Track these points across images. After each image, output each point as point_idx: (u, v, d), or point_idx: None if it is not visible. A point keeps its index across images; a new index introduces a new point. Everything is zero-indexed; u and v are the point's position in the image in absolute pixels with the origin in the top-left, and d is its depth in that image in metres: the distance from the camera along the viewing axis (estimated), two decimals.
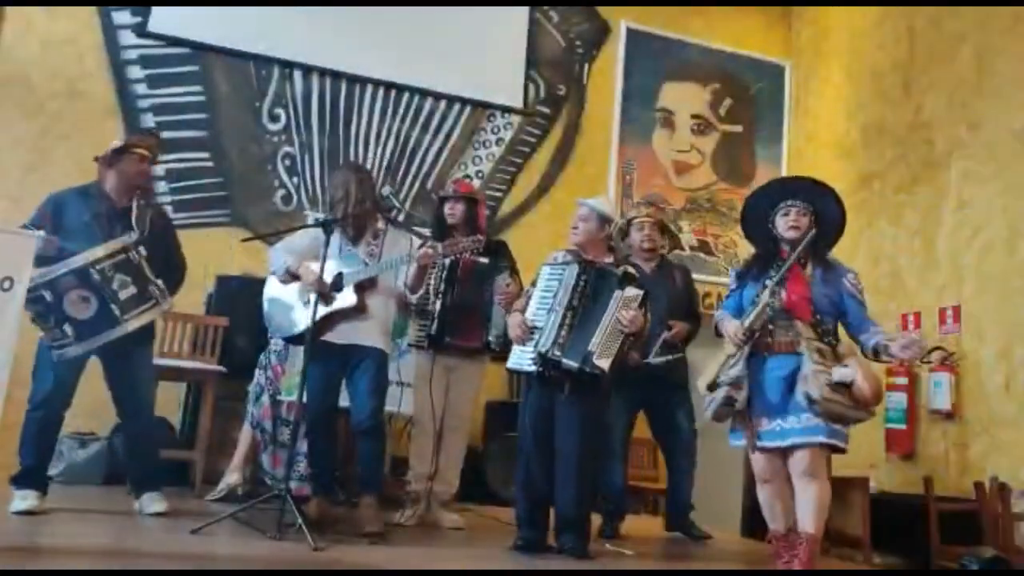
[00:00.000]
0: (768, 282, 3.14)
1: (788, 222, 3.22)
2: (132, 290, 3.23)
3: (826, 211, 3.25)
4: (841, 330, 3.22)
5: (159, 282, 3.37)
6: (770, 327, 3.12)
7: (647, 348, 4.02)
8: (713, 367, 3.24)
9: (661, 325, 4.08)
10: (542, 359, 3.33)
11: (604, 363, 3.28)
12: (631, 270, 3.54)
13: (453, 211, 4.09)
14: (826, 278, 3.17)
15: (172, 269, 3.59)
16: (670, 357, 4.08)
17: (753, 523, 5.29)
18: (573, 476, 3.34)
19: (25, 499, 3.26)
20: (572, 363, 3.29)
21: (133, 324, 3.27)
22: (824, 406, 2.91)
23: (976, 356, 4.95)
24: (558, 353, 3.30)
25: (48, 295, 3.10)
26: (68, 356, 3.21)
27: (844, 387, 2.93)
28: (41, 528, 3.09)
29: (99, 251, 3.20)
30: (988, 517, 4.26)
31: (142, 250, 3.33)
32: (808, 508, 3.02)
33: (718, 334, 3.34)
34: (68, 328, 3.15)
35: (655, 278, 4.17)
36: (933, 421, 5.13)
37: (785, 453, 3.11)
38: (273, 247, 3.78)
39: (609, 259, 3.57)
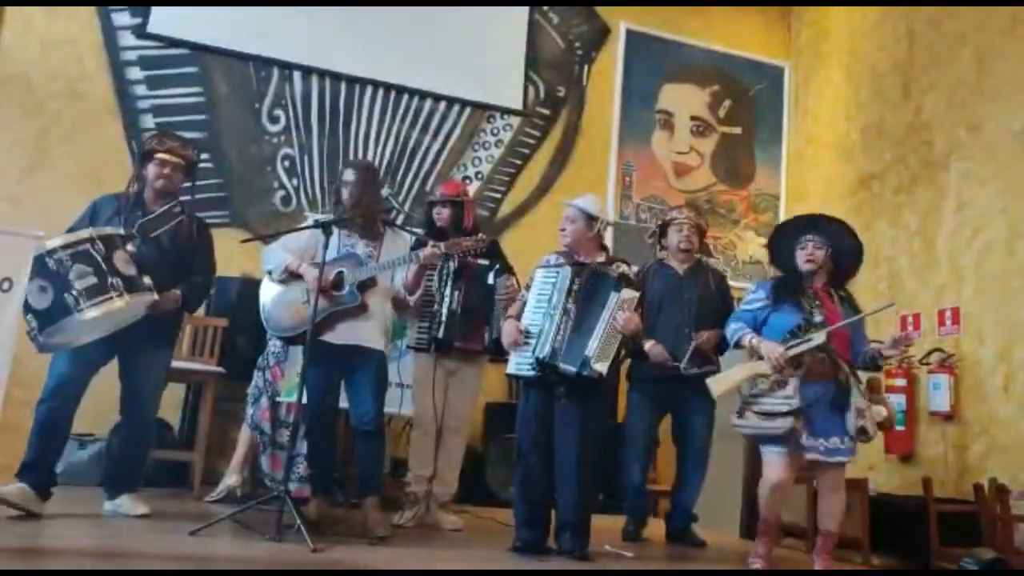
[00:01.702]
0: (810, 318, 3.44)
1: (804, 256, 3.54)
2: (91, 280, 3.14)
3: (842, 246, 3.59)
4: None
5: (145, 279, 3.30)
6: (817, 355, 3.40)
7: (678, 353, 4.02)
8: (734, 377, 3.48)
9: (690, 325, 4.08)
10: (540, 365, 3.34)
11: (602, 367, 3.29)
12: (626, 270, 3.55)
13: (440, 215, 4.11)
14: (850, 313, 3.52)
15: (193, 274, 3.61)
16: (702, 369, 4.01)
17: (752, 525, 5.29)
18: (573, 478, 3.34)
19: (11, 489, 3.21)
20: (570, 368, 3.30)
21: (90, 314, 3.14)
22: (869, 438, 3.41)
23: (975, 357, 4.95)
24: (555, 359, 3.31)
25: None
26: (43, 347, 3.19)
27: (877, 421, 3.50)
28: (41, 529, 3.09)
29: (56, 240, 3.16)
30: (987, 518, 4.25)
31: (130, 247, 3.32)
32: (835, 513, 3.47)
33: (737, 345, 3.59)
34: (31, 318, 3.10)
35: (687, 279, 4.21)
36: (932, 422, 5.13)
37: (799, 461, 3.45)
38: (268, 246, 3.77)
39: (601, 258, 3.57)
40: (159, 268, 3.42)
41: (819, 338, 3.36)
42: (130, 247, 3.34)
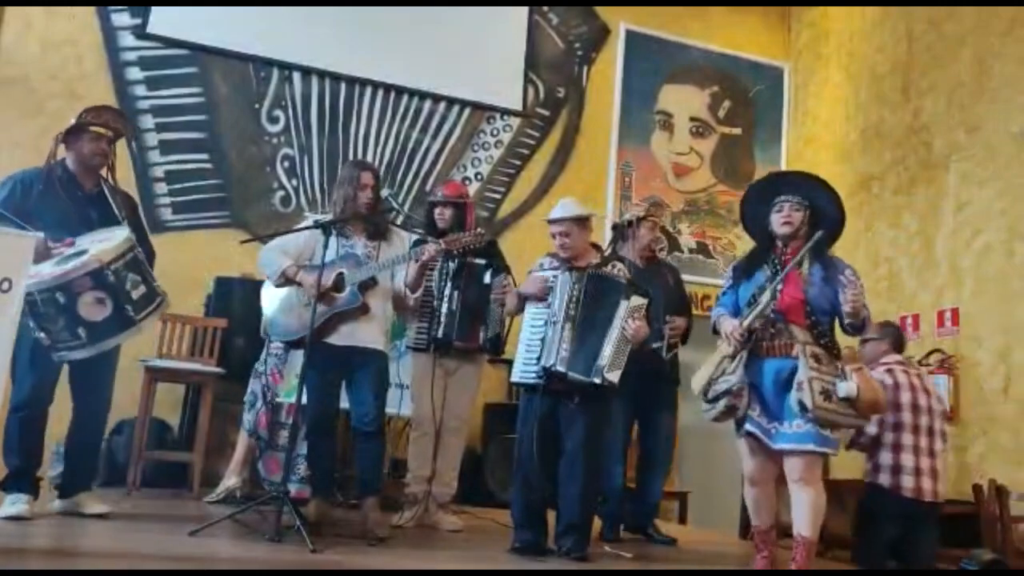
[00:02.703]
0: (768, 283, 3.12)
1: (781, 218, 3.20)
2: (142, 289, 3.16)
3: (824, 207, 3.22)
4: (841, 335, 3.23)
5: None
6: (770, 329, 3.11)
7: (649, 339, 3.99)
8: (707, 368, 3.23)
9: (657, 320, 4.08)
10: (547, 373, 3.31)
11: (615, 375, 3.27)
12: (623, 269, 3.54)
13: (442, 215, 4.11)
14: (826, 277, 3.12)
15: (148, 255, 3.45)
16: (675, 351, 4.12)
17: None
18: (579, 480, 3.33)
19: (15, 503, 3.17)
20: (581, 376, 3.27)
21: (146, 323, 3.21)
22: (817, 414, 2.93)
23: (974, 358, 4.95)
24: (563, 367, 3.28)
25: (61, 297, 3.00)
26: (73, 358, 3.13)
27: (847, 400, 2.94)
28: (39, 529, 3.09)
29: (110, 252, 3.09)
30: (987, 519, 4.26)
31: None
32: (804, 513, 3.07)
33: (715, 332, 3.34)
34: (81, 331, 3.04)
35: (648, 275, 4.20)
36: None
37: (774, 455, 3.15)
38: (265, 248, 3.71)
39: (596, 258, 3.55)
40: None
41: (765, 299, 3.06)
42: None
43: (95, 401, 3.44)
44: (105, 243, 3.14)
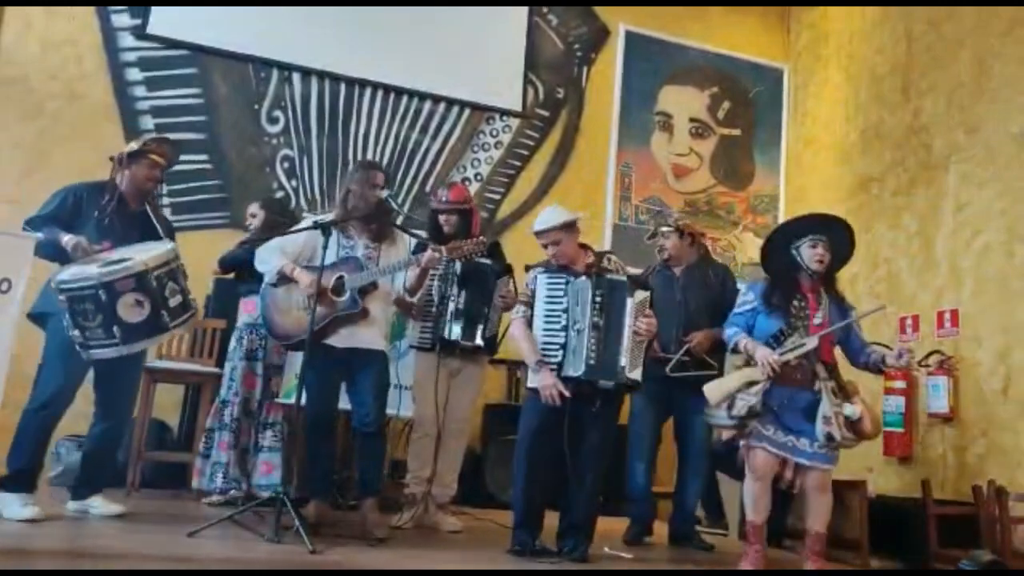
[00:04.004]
0: (798, 322, 3.46)
1: (816, 255, 3.52)
2: (179, 299, 3.31)
3: (840, 246, 3.61)
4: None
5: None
6: (802, 361, 3.44)
7: (668, 355, 3.98)
8: (729, 384, 3.46)
9: (680, 328, 4.08)
10: (576, 383, 3.30)
11: (637, 374, 3.33)
12: (618, 262, 3.57)
13: (448, 222, 4.11)
14: (839, 313, 3.54)
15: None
16: (694, 373, 3.96)
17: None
18: (587, 481, 3.36)
19: (26, 506, 3.20)
20: (609, 383, 3.30)
21: (178, 331, 3.38)
22: (843, 444, 3.38)
23: (974, 359, 4.95)
24: (593, 375, 3.29)
25: (104, 295, 3.10)
26: (104, 356, 3.20)
27: (850, 422, 3.35)
28: (38, 530, 3.09)
29: (155, 259, 3.22)
30: (986, 520, 4.25)
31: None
32: (821, 514, 3.50)
33: (733, 350, 3.60)
34: (116, 329, 3.14)
35: (684, 281, 4.23)
36: (931, 424, 5.13)
37: (778, 460, 3.47)
38: (264, 246, 3.73)
39: (589, 258, 3.56)
40: None
41: (812, 343, 3.40)
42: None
43: (119, 406, 3.54)
44: (152, 251, 3.29)
